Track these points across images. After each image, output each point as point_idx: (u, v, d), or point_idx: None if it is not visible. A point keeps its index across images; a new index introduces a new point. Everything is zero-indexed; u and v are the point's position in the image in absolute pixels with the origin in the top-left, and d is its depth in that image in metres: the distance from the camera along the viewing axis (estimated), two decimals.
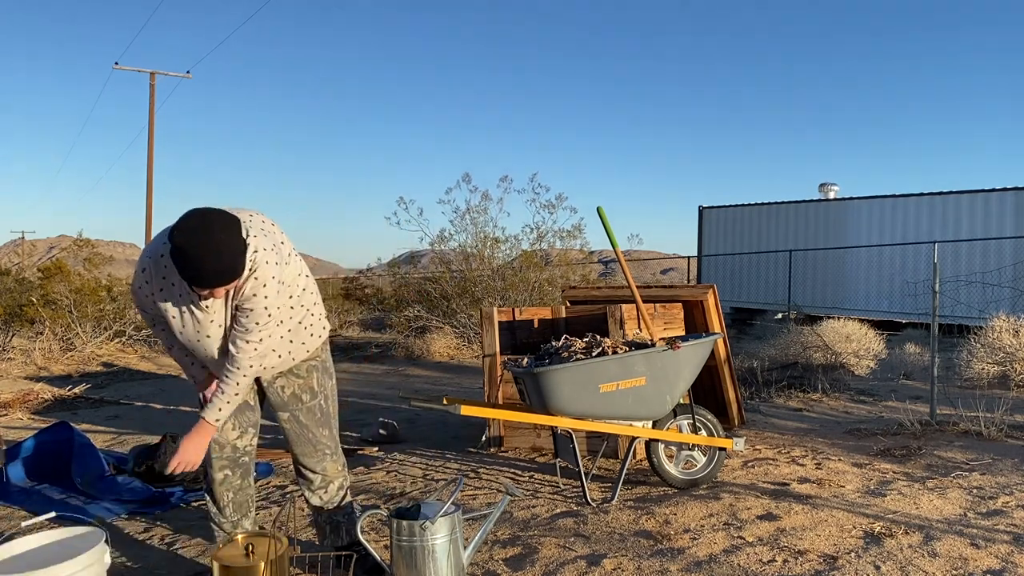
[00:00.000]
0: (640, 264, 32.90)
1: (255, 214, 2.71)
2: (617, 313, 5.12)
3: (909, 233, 17.01)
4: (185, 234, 2.38)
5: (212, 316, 2.67)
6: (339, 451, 3.12)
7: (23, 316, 12.77)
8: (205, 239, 2.38)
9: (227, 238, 2.42)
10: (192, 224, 2.40)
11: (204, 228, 2.39)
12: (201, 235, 2.38)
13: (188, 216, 2.43)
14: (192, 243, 2.37)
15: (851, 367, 9.65)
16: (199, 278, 2.42)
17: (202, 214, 2.43)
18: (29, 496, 4.27)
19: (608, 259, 22.41)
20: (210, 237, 2.38)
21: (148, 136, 22.15)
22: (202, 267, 2.39)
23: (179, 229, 2.40)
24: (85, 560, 2.34)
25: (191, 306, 2.65)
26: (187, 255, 2.38)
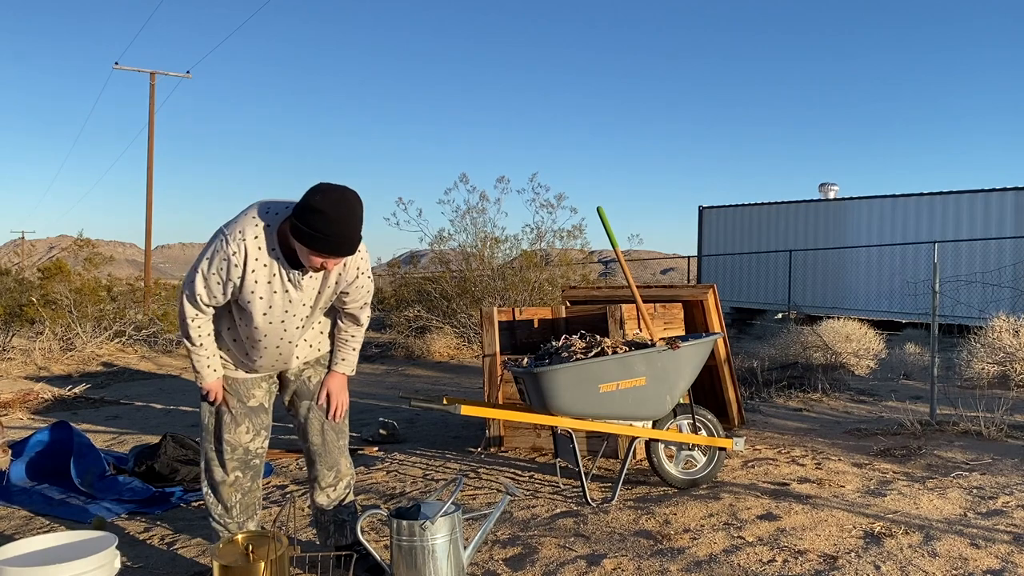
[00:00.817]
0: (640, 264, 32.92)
1: None
2: (617, 313, 5.12)
3: (909, 233, 17.01)
4: (330, 201, 2.46)
5: (304, 298, 2.73)
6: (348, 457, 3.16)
7: (23, 316, 12.78)
8: (349, 208, 2.48)
9: (361, 214, 2.54)
10: (335, 195, 2.48)
11: (347, 198, 2.49)
12: (345, 204, 2.48)
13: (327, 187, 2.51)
14: (338, 209, 2.45)
15: (851, 367, 9.65)
16: (336, 245, 2.49)
17: (341, 187, 2.52)
18: (29, 496, 4.27)
19: (608, 259, 22.40)
20: (353, 207, 2.50)
21: (148, 136, 22.14)
22: (342, 234, 2.47)
23: (322, 195, 2.46)
24: (96, 561, 2.35)
25: (285, 284, 2.67)
26: (330, 220, 2.44)
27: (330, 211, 2.44)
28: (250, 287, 2.64)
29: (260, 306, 2.68)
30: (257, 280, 2.63)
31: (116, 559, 2.46)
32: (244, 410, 2.92)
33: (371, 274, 2.88)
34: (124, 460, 4.79)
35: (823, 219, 19.59)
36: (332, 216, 2.44)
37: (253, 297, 2.66)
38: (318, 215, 2.45)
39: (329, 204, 2.45)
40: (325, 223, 2.45)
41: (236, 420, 2.91)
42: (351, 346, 2.98)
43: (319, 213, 2.45)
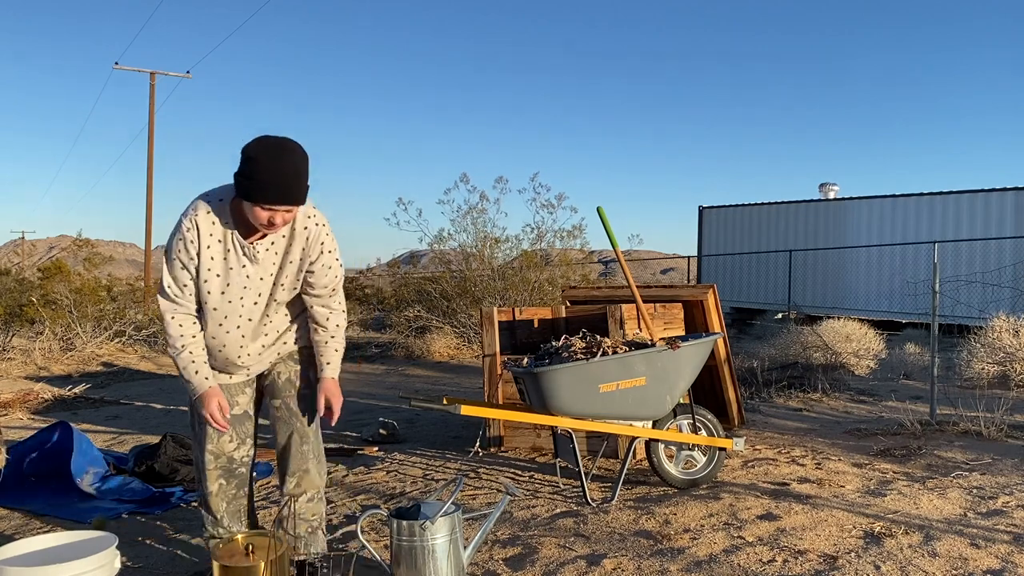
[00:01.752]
0: (640, 264, 32.92)
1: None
2: (617, 313, 5.12)
3: (909, 233, 17.01)
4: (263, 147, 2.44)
5: (262, 272, 2.67)
6: (322, 462, 2.99)
7: (23, 316, 12.77)
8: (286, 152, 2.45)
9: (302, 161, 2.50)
10: (271, 140, 2.47)
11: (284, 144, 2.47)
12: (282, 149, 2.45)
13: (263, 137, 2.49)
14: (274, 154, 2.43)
15: (851, 367, 9.65)
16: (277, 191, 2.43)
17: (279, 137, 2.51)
18: (29, 496, 4.26)
19: (608, 259, 22.40)
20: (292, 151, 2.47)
21: (148, 136, 22.15)
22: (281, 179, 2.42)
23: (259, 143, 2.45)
24: (96, 561, 2.35)
25: (240, 258, 2.63)
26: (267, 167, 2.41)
27: (265, 157, 2.42)
28: (206, 264, 2.60)
29: (217, 284, 2.63)
30: (213, 256, 2.60)
31: (116, 559, 2.46)
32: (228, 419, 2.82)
33: (339, 255, 2.79)
34: (124, 460, 4.79)
35: (823, 219, 19.59)
36: (268, 162, 2.41)
37: (210, 275, 2.61)
38: (253, 162, 2.43)
39: (263, 150, 2.43)
40: (262, 169, 2.42)
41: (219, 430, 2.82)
42: (332, 347, 2.85)
43: (254, 160, 2.42)
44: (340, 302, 2.85)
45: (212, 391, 2.69)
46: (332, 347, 2.84)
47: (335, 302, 2.83)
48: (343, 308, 2.87)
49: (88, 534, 2.59)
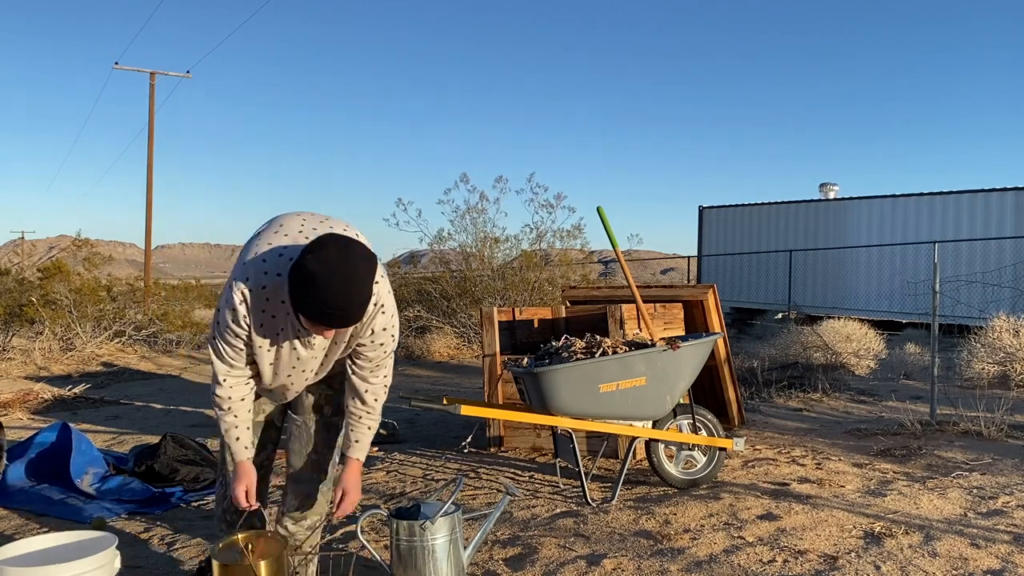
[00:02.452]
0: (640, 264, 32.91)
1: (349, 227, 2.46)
2: (617, 313, 5.12)
3: (909, 233, 17.01)
4: (324, 264, 2.07)
5: (315, 352, 2.46)
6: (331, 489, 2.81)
7: (23, 316, 12.76)
8: (344, 274, 2.09)
9: (367, 277, 2.15)
10: (332, 254, 2.09)
11: (344, 260, 2.10)
12: (341, 268, 2.09)
13: (326, 244, 2.11)
14: (330, 276, 2.08)
15: (851, 367, 9.65)
16: (328, 316, 2.13)
17: (344, 245, 2.13)
18: (29, 496, 4.26)
19: (608, 259, 22.40)
20: (351, 273, 2.11)
21: (148, 136, 22.14)
22: (336, 305, 2.11)
23: (317, 257, 2.08)
24: (96, 561, 2.35)
25: (293, 341, 2.41)
26: (320, 288, 2.08)
27: (323, 277, 2.07)
28: (257, 341, 2.38)
29: (266, 357, 2.44)
30: (265, 335, 2.37)
31: (116, 559, 2.46)
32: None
33: (395, 332, 2.49)
34: (124, 460, 4.79)
35: (823, 219, 19.59)
36: (325, 283, 2.07)
37: (260, 351, 2.41)
38: (310, 281, 2.08)
39: (323, 266, 2.07)
40: (316, 291, 2.08)
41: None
42: (365, 424, 2.59)
43: (311, 278, 2.08)
44: (385, 376, 2.58)
45: (245, 467, 2.53)
46: (365, 424, 2.60)
47: (377, 377, 2.55)
48: (386, 383, 2.60)
49: (88, 534, 2.59)
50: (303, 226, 2.39)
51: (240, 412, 2.50)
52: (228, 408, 2.48)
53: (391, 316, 2.45)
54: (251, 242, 2.39)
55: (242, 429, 2.51)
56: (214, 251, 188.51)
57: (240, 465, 2.52)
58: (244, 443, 2.52)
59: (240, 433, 2.51)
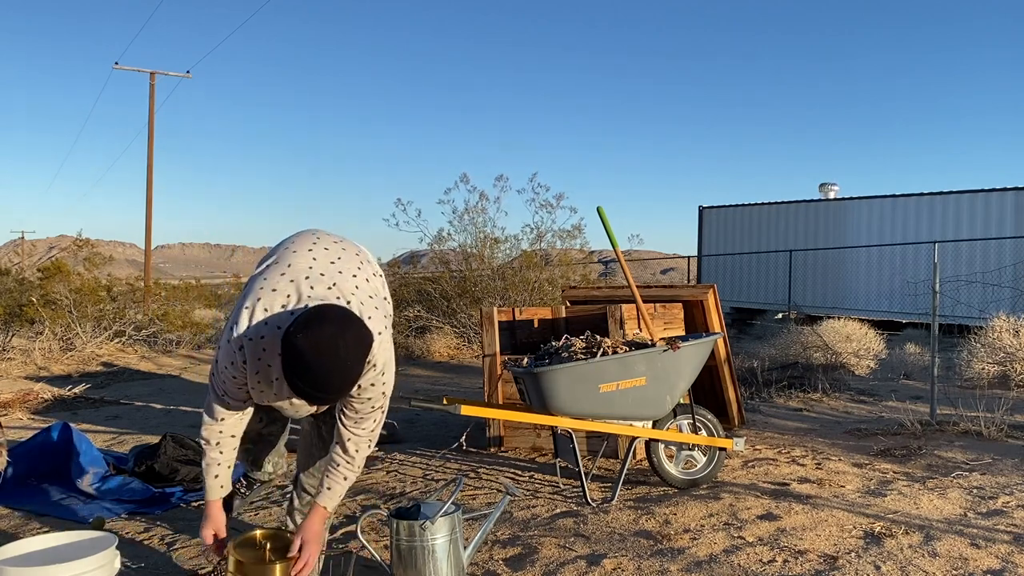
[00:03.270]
0: (640, 264, 32.90)
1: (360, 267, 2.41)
2: (617, 313, 5.12)
3: (909, 233, 17.01)
4: (314, 346, 2.02)
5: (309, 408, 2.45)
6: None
7: (23, 316, 12.77)
8: (335, 359, 2.05)
9: (358, 360, 2.11)
10: (326, 335, 2.03)
11: (336, 346, 2.04)
12: (331, 353, 2.04)
13: (320, 323, 2.06)
14: (321, 358, 2.03)
15: (851, 367, 9.65)
16: (311, 398, 2.11)
17: (339, 325, 2.07)
18: (29, 496, 4.26)
19: (608, 259, 22.40)
20: (343, 358, 2.06)
21: (148, 136, 22.14)
22: (321, 389, 2.08)
23: (308, 337, 2.03)
24: (96, 561, 2.35)
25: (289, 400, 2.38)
26: (309, 371, 2.04)
27: (312, 359, 2.02)
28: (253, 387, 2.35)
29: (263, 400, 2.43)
30: (260, 381, 2.33)
31: (116, 559, 2.46)
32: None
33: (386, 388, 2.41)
34: (124, 460, 4.79)
35: (823, 219, 19.59)
36: (313, 366, 2.02)
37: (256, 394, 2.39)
38: (298, 360, 2.03)
39: (313, 349, 2.01)
40: (303, 372, 2.04)
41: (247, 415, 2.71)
42: (342, 474, 2.49)
43: (299, 358, 2.03)
44: (371, 430, 2.48)
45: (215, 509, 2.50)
46: (341, 473, 2.49)
47: (361, 428, 2.45)
48: (372, 437, 2.49)
49: (88, 534, 2.59)
50: (312, 267, 2.33)
51: (226, 450, 2.47)
52: (216, 443, 2.45)
53: (382, 373, 2.37)
54: (256, 278, 2.35)
55: (223, 468, 2.47)
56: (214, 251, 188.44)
57: (210, 505, 2.49)
58: (221, 482, 2.48)
59: (220, 471, 2.47)
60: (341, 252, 2.43)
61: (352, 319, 2.13)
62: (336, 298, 2.28)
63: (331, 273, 2.34)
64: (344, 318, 2.11)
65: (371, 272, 2.48)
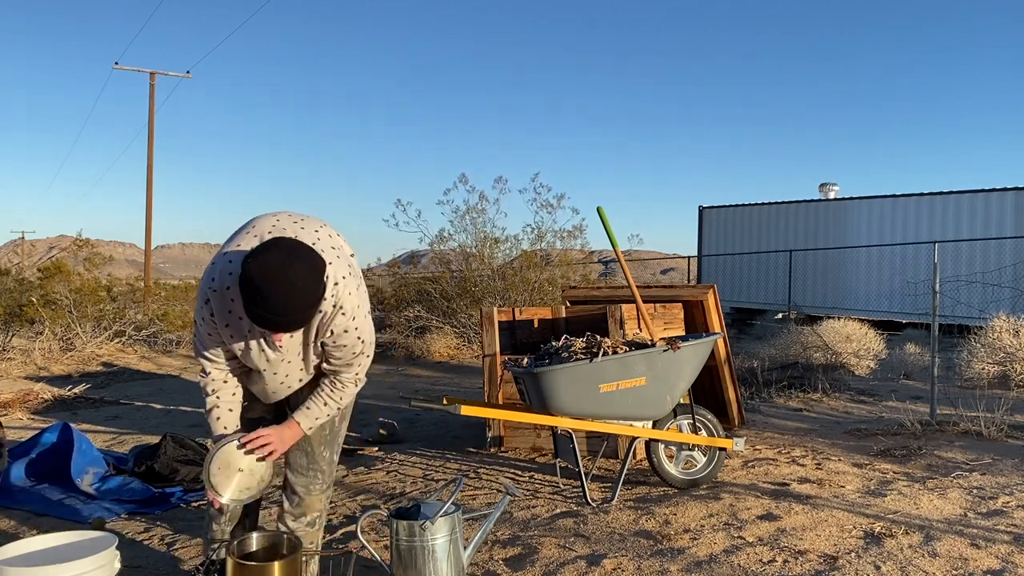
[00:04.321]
0: (640, 264, 32.90)
1: (323, 227, 2.49)
2: (617, 313, 5.12)
3: (909, 233, 17.01)
4: (263, 270, 2.12)
5: (285, 355, 2.48)
6: (329, 486, 2.84)
7: (23, 316, 12.77)
8: (284, 281, 2.13)
9: (310, 282, 2.18)
10: (273, 261, 2.13)
11: (285, 266, 2.13)
12: (280, 275, 2.12)
13: (269, 248, 2.16)
14: (269, 283, 2.12)
15: (851, 367, 9.65)
16: (268, 321, 2.18)
17: (287, 251, 2.17)
18: (29, 496, 4.27)
19: (608, 259, 22.40)
20: (292, 280, 2.14)
21: (148, 136, 22.14)
22: (275, 311, 2.15)
23: (257, 261, 2.13)
24: (96, 561, 2.35)
25: (261, 342, 2.43)
26: (260, 295, 2.13)
27: (262, 283, 2.11)
28: (228, 340, 2.43)
29: (241, 358, 2.49)
30: (233, 335, 2.41)
31: (116, 559, 2.46)
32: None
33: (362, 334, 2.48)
34: (124, 460, 4.79)
35: (823, 219, 19.59)
36: (264, 289, 2.11)
37: (234, 349, 2.47)
38: (249, 286, 2.13)
39: (262, 273, 2.11)
40: (256, 296, 2.13)
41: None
42: (323, 399, 2.58)
43: (250, 284, 2.13)
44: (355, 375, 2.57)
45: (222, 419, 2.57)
46: (322, 399, 2.58)
47: (347, 372, 2.56)
48: (357, 380, 2.59)
49: (88, 534, 2.59)
50: (274, 227, 2.43)
51: (223, 394, 2.54)
52: (212, 391, 2.54)
53: (352, 318, 2.42)
54: (226, 243, 2.46)
55: (223, 410, 2.54)
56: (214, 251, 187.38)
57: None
58: (224, 423, 2.55)
59: (221, 413, 2.54)
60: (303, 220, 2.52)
61: (302, 247, 2.22)
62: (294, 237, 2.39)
63: (293, 229, 2.44)
64: (293, 245, 2.21)
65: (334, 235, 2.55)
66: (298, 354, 2.51)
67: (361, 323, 2.47)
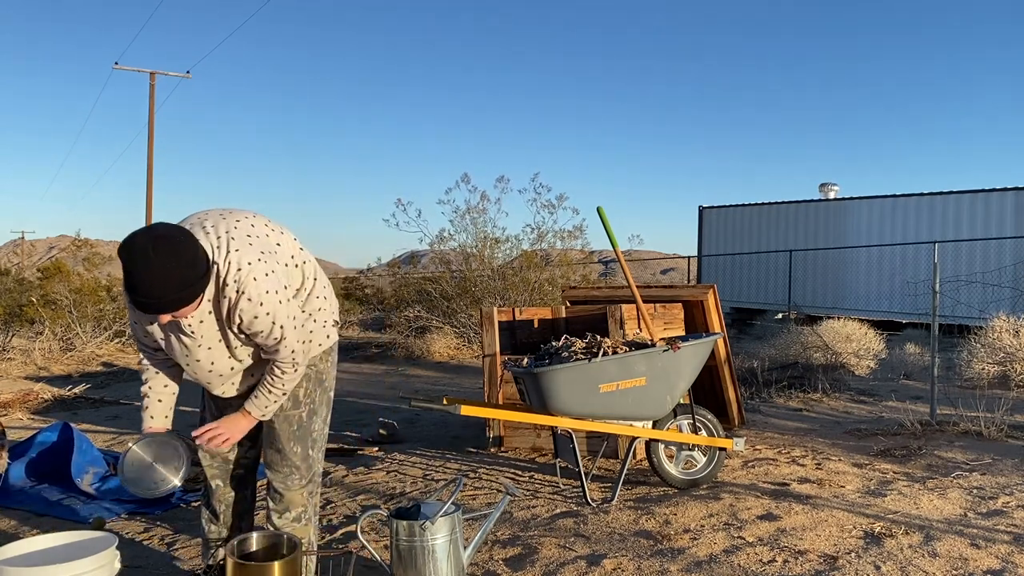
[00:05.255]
0: (640, 264, 32.92)
1: (245, 219, 2.49)
2: (617, 313, 5.12)
3: (909, 233, 17.01)
4: (128, 254, 2.19)
5: (200, 341, 2.47)
6: (312, 480, 2.81)
7: (23, 316, 12.77)
8: (145, 263, 2.17)
9: (173, 263, 2.19)
10: (137, 244, 2.19)
11: (147, 251, 2.18)
12: (142, 258, 2.17)
13: (138, 233, 2.22)
14: (132, 265, 2.18)
15: (851, 367, 9.65)
16: (139, 304, 2.22)
17: (153, 235, 2.21)
18: (29, 496, 4.27)
19: (608, 259, 22.40)
20: (152, 261, 2.17)
21: (148, 136, 22.16)
22: (142, 294, 2.19)
23: (125, 247, 2.20)
24: (96, 561, 2.35)
25: (173, 329, 2.45)
26: (127, 276, 2.19)
27: (128, 267, 2.18)
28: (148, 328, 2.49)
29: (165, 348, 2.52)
30: (150, 322, 2.46)
31: (116, 559, 2.46)
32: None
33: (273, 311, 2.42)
34: None
35: (823, 219, 19.59)
36: (130, 273, 2.18)
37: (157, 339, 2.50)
38: (123, 271, 2.20)
39: (128, 257, 2.18)
40: (126, 279, 2.19)
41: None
42: (266, 386, 2.57)
43: (123, 269, 2.19)
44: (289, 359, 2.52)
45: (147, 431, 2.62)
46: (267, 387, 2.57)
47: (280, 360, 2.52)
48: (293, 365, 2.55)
49: (88, 534, 2.59)
50: (198, 219, 2.47)
51: (155, 384, 2.61)
52: (145, 379, 2.62)
53: (260, 304, 2.38)
54: None
55: (152, 400, 2.61)
56: None
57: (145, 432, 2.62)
58: (151, 413, 2.62)
59: (150, 403, 2.61)
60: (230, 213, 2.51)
61: (173, 231, 2.25)
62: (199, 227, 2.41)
63: (214, 218, 2.46)
64: (163, 230, 2.24)
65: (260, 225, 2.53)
66: (219, 340, 2.50)
67: (274, 308, 2.42)
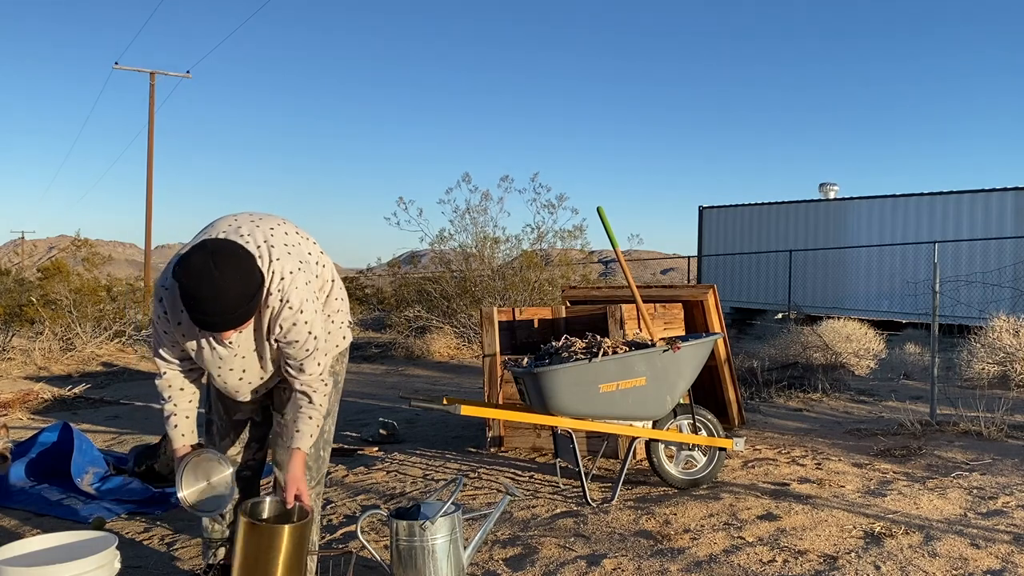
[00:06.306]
0: (640, 264, 32.92)
1: (279, 226, 2.52)
2: (617, 313, 5.12)
3: (909, 233, 17.01)
4: (189, 274, 2.19)
5: (236, 351, 2.50)
6: (320, 480, 2.85)
7: (23, 316, 12.78)
8: (210, 281, 2.18)
9: (237, 279, 2.22)
10: (197, 263, 2.19)
11: (209, 269, 2.19)
12: (206, 276, 2.18)
13: (194, 252, 2.22)
14: (195, 285, 2.18)
15: (851, 367, 9.65)
16: (201, 323, 2.25)
17: (210, 251, 2.22)
18: (29, 496, 4.27)
19: (608, 259, 22.41)
20: (217, 279, 2.19)
21: (148, 136, 22.16)
22: (204, 311, 2.21)
23: (183, 266, 2.20)
24: (96, 561, 2.35)
25: (211, 340, 2.46)
26: (190, 297, 2.20)
27: (188, 286, 2.19)
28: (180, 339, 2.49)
29: (196, 358, 2.53)
30: (184, 334, 2.47)
31: (116, 559, 2.46)
32: (229, 424, 2.81)
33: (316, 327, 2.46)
34: (124, 460, 4.79)
35: (823, 219, 19.59)
36: (191, 291, 2.19)
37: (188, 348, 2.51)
38: (182, 292, 2.21)
39: (187, 276, 2.19)
40: (186, 299, 2.21)
41: (220, 432, 2.82)
42: (306, 414, 2.58)
43: (182, 290, 2.20)
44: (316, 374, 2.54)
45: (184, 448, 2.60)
46: (306, 414, 2.58)
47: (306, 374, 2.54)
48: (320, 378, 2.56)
49: (88, 534, 2.59)
50: (230, 226, 2.46)
51: (180, 401, 2.58)
52: (168, 397, 2.58)
53: (300, 311, 2.42)
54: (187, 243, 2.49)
55: (180, 418, 2.59)
56: None
57: (177, 452, 2.61)
58: (181, 431, 2.59)
59: (179, 421, 2.58)
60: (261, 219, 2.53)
61: (227, 245, 2.26)
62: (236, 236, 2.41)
63: (249, 227, 2.46)
64: (217, 245, 2.25)
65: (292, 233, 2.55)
66: (253, 350, 2.52)
67: (311, 317, 2.46)
